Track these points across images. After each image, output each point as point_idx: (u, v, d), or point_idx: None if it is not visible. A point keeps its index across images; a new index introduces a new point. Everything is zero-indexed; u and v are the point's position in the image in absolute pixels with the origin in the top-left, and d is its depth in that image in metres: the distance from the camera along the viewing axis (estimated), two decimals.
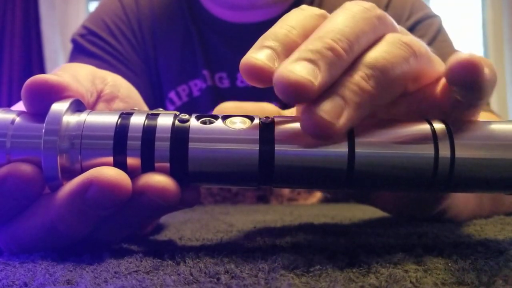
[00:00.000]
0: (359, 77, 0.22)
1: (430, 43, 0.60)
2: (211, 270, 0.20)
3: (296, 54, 0.22)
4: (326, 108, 0.21)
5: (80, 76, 0.27)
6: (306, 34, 0.24)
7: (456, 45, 0.62)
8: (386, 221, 0.38)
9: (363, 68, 0.22)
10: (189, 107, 0.64)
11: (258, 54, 0.23)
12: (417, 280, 0.18)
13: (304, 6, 0.26)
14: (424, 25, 0.61)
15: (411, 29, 0.61)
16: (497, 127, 0.24)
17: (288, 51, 0.23)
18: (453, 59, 0.23)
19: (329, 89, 0.22)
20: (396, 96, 0.24)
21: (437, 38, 0.61)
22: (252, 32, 0.65)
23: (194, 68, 0.64)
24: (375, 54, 0.23)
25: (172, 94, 0.65)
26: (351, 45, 0.22)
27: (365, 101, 0.22)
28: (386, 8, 0.63)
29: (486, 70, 0.23)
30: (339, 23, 0.23)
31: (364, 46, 0.23)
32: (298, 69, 0.21)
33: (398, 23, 0.26)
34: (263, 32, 0.24)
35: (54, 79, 0.24)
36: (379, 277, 0.19)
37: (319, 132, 0.21)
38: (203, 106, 0.64)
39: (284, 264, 0.20)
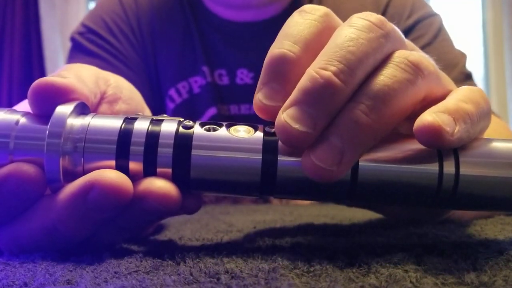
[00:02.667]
0: (359, 112, 0.21)
1: (430, 42, 0.60)
2: (211, 270, 0.20)
3: (295, 95, 0.21)
4: (325, 157, 0.21)
5: (84, 77, 0.27)
6: (309, 46, 0.23)
7: (456, 45, 0.62)
8: (386, 221, 0.38)
9: (365, 99, 0.21)
10: (189, 104, 0.64)
11: (263, 96, 0.23)
12: (417, 280, 0.18)
13: (306, 8, 0.25)
14: (424, 24, 0.61)
15: (412, 28, 0.61)
16: (503, 145, 0.23)
17: (293, 76, 0.23)
18: (417, 122, 0.21)
19: (329, 128, 0.21)
20: (402, 120, 0.23)
21: (438, 37, 0.61)
22: (252, 30, 0.66)
23: (194, 64, 0.64)
24: (379, 81, 0.22)
25: (172, 92, 0.64)
26: (353, 74, 0.21)
27: (367, 137, 0.21)
28: (386, 6, 0.63)
29: (457, 128, 0.21)
30: (342, 48, 0.22)
31: (368, 70, 0.22)
32: (296, 119, 0.21)
33: (399, 21, 0.26)
34: (263, 31, 0.24)
35: (60, 82, 0.24)
36: (379, 277, 0.19)
37: (319, 178, 0.21)
38: (203, 103, 0.64)
39: (284, 264, 0.20)
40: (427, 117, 0.21)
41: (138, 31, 0.65)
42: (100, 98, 0.29)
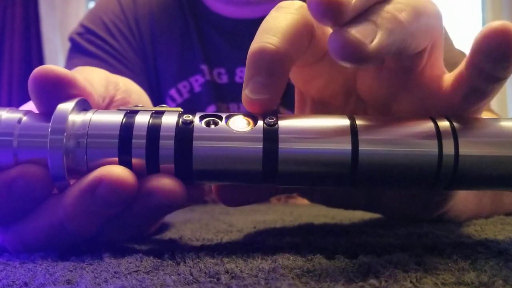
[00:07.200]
0: (392, 7, 0.22)
1: None
2: (211, 270, 0.20)
3: None
4: (358, 28, 0.20)
5: (93, 80, 0.27)
6: (288, 36, 0.23)
7: (456, 45, 0.62)
8: (386, 221, 0.38)
9: (396, 2, 0.22)
10: (190, 103, 0.64)
11: (250, 91, 0.24)
12: (417, 280, 0.18)
13: (281, 3, 0.25)
14: None
15: None
16: (501, 124, 0.24)
17: (275, 67, 0.23)
18: (486, 27, 0.22)
19: (361, 15, 0.21)
20: (422, 47, 0.24)
21: None
22: (251, 28, 0.65)
23: (193, 63, 0.64)
24: None
25: (172, 92, 0.65)
26: None
27: (398, 30, 0.21)
28: None
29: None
30: None
31: None
32: None
33: None
34: None
35: (61, 71, 0.24)
36: (379, 277, 0.19)
37: (348, 54, 0.20)
38: (203, 101, 0.64)
39: (284, 264, 0.20)
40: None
41: (137, 31, 0.65)
42: (109, 102, 0.29)
